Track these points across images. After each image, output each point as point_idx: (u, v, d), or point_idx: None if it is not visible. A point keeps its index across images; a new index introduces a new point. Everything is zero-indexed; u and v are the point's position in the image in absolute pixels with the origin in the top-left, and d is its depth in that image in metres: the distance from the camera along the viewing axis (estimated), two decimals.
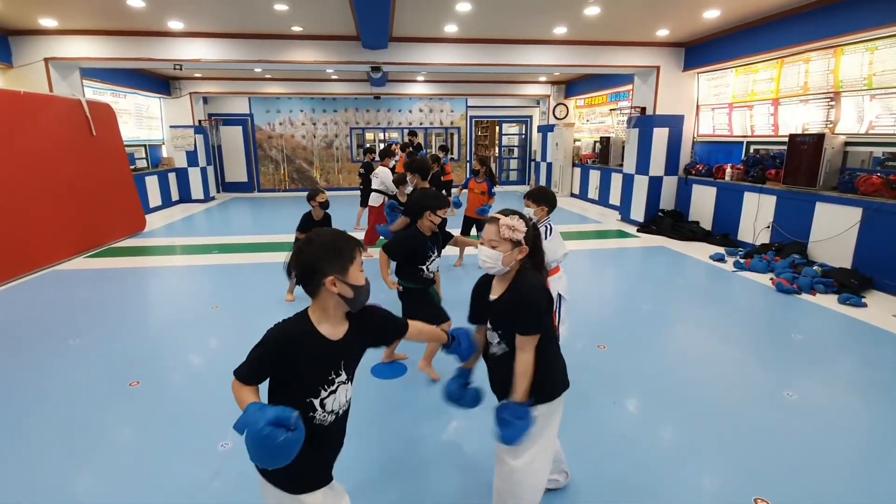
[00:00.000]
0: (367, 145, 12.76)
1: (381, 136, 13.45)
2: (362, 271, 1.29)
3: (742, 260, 5.64)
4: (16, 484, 2.12)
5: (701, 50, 7.23)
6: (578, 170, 11.29)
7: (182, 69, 7.15)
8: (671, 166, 7.66)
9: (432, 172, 8.68)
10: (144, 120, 10.16)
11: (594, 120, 11.24)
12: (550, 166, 11.91)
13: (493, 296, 1.64)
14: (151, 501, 2.03)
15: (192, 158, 10.76)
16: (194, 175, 10.87)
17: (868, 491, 2.07)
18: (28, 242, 5.40)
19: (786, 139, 5.82)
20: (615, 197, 9.34)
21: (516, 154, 14.92)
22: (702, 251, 6.34)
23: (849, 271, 4.81)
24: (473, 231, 5.56)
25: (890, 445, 2.38)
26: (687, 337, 3.80)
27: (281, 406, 1.12)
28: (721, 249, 6.25)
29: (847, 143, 5.38)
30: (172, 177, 10.55)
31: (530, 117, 14.03)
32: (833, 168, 5.39)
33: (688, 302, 4.63)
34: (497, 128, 14.89)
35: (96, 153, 6.78)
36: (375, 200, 5.98)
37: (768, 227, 6.07)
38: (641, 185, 7.86)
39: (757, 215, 6.23)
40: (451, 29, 6.65)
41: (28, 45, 6.37)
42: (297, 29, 6.60)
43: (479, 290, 1.73)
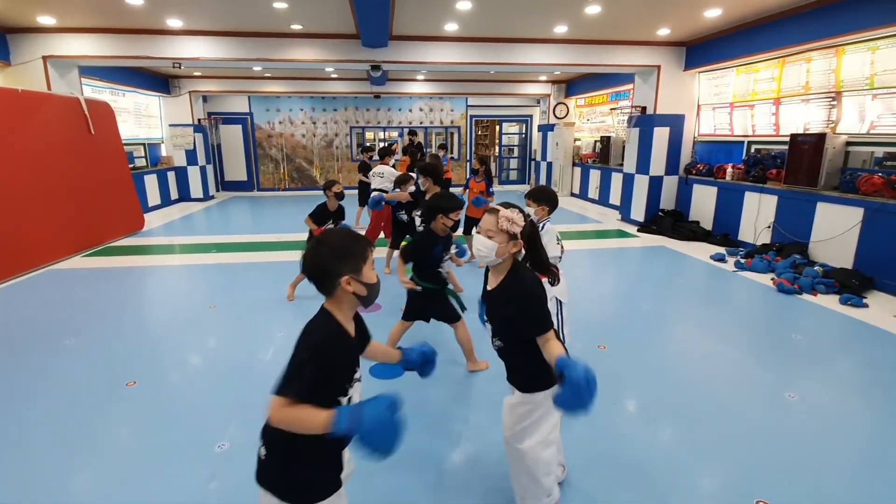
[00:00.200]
0: (367, 144, 12.71)
1: (382, 136, 13.43)
2: (373, 269, 1.31)
3: (743, 260, 5.62)
4: (10, 484, 2.10)
5: (702, 49, 7.20)
6: (579, 169, 11.27)
7: (181, 67, 7.12)
8: (671, 166, 7.64)
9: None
10: (143, 118, 10.14)
11: (594, 119, 11.22)
12: (551, 166, 11.89)
13: (489, 287, 1.70)
14: (147, 503, 2.01)
15: (192, 157, 10.73)
16: (193, 174, 10.85)
17: (870, 492, 2.06)
18: (25, 241, 5.38)
19: (787, 139, 5.80)
20: (615, 197, 9.32)
21: (516, 153, 14.89)
22: (702, 251, 6.32)
23: (850, 271, 4.79)
24: (475, 231, 5.54)
25: (892, 446, 2.37)
26: (687, 337, 3.78)
27: (379, 395, 1.17)
28: (722, 249, 6.23)
29: (848, 143, 5.36)
30: (171, 176, 10.52)
31: (530, 116, 14.01)
32: (834, 168, 5.37)
33: (688, 302, 4.61)
34: (497, 127, 14.87)
35: (95, 152, 6.75)
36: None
37: (769, 227, 6.05)
38: (642, 185, 7.84)
39: (758, 215, 6.21)
40: (452, 27, 6.63)
41: (26, 43, 6.34)
42: (297, 27, 6.58)
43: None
